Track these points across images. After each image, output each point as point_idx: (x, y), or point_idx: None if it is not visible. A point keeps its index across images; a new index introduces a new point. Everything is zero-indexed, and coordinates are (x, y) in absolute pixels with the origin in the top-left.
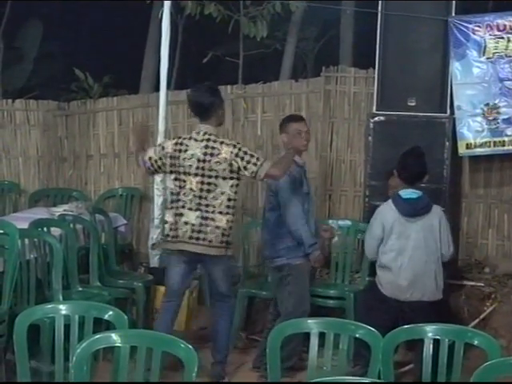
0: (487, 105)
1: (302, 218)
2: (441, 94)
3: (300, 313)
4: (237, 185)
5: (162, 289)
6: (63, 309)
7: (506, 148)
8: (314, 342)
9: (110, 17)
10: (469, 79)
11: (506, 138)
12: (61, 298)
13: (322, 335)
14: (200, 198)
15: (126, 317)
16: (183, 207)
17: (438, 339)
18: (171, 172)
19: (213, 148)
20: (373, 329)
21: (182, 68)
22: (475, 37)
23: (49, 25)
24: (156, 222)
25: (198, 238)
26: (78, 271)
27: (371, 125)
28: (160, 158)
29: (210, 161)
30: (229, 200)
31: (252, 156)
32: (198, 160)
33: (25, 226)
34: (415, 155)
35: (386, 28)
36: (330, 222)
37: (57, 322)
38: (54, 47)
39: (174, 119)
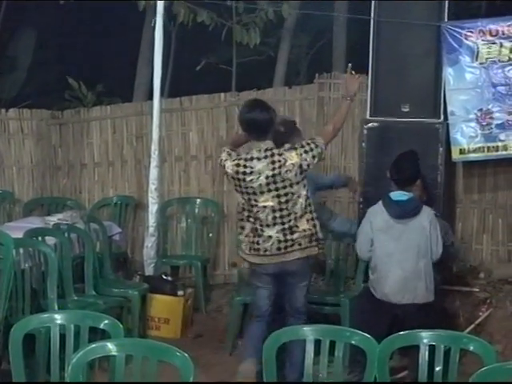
0: (480, 110)
1: None
2: (434, 99)
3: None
4: (305, 184)
5: (157, 297)
6: (58, 318)
7: (499, 153)
8: (310, 349)
9: (102, 25)
10: (462, 85)
11: (499, 143)
12: (56, 307)
13: (317, 342)
14: (280, 210)
15: (121, 326)
16: (261, 225)
17: (433, 345)
18: (236, 191)
19: (279, 161)
20: (368, 335)
21: (175, 76)
22: (468, 42)
23: (42, 33)
24: (151, 230)
25: (286, 247)
26: (73, 280)
27: (365, 131)
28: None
29: (279, 173)
30: (306, 200)
31: (309, 144)
32: (267, 177)
33: (19, 235)
34: (410, 159)
35: (379, 34)
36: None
37: (52, 331)
38: (48, 56)
39: (167, 127)
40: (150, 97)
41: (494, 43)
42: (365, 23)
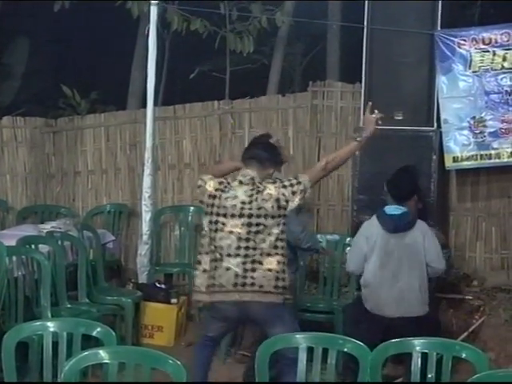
0: (473, 118)
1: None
2: (427, 107)
3: None
4: (284, 223)
5: (150, 305)
6: (51, 326)
7: (492, 161)
8: (303, 356)
9: (96, 33)
10: (455, 93)
11: (492, 151)
12: (49, 314)
13: (310, 350)
14: (247, 240)
15: (114, 333)
16: (221, 254)
17: (426, 353)
18: (206, 213)
19: (258, 188)
20: (361, 343)
21: (169, 84)
22: (461, 50)
23: (36, 41)
24: (144, 237)
25: (244, 284)
26: (67, 288)
27: (358, 139)
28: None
29: (256, 199)
30: (276, 240)
31: (290, 180)
32: (243, 202)
33: (12, 243)
34: (409, 175)
35: (372, 42)
36: (318, 236)
37: (45, 339)
38: (41, 64)
39: (161, 135)
40: (144, 105)
41: (487, 51)
42: (358, 31)
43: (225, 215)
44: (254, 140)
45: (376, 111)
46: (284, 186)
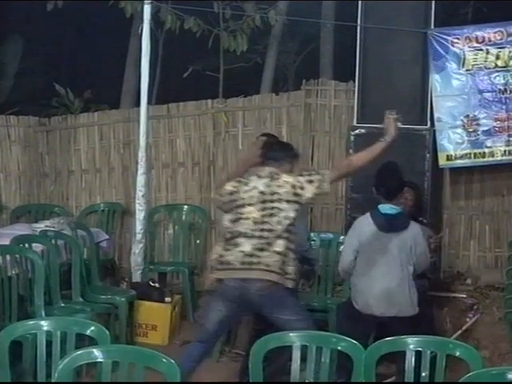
0: (467, 116)
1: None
2: (421, 106)
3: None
4: (297, 210)
5: (144, 304)
6: (45, 325)
7: (486, 159)
8: (297, 355)
9: (90, 32)
10: (448, 91)
11: (486, 150)
12: (43, 313)
13: (304, 348)
14: (262, 223)
15: (107, 332)
16: (235, 236)
17: (419, 351)
18: (225, 211)
19: (273, 177)
20: (355, 341)
21: (162, 83)
22: (454, 49)
23: (29, 40)
24: (138, 236)
25: (251, 263)
26: (60, 287)
27: (352, 137)
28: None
29: (271, 186)
30: (290, 224)
31: (307, 170)
32: (260, 192)
33: (6, 242)
34: (390, 170)
35: (366, 41)
36: (312, 235)
37: (39, 338)
38: (35, 63)
39: (155, 134)
40: (138, 103)
41: (480, 50)
42: (352, 30)
43: (243, 205)
44: (266, 142)
45: (393, 112)
46: (301, 175)
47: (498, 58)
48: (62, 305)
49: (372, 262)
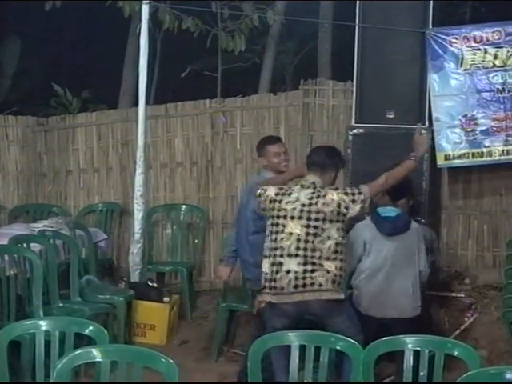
0: (465, 116)
1: None
2: (419, 105)
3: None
4: (342, 228)
5: (143, 303)
6: (43, 325)
7: (484, 159)
8: (295, 354)
9: (88, 32)
10: (447, 91)
11: (484, 149)
12: (41, 313)
13: (302, 348)
14: (306, 242)
15: (106, 332)
16: (281, 255)
17: (418, 350)
18: (268, 216)
19: (319, 192)
20: (353, 341)
21: (160, 82)
22: (452, 49)
23: (27, 40)
24: (136, 236)
25: (304, 285)
26: (59, 287)
27: (350, 137)
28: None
29: (316, 203)
30: (336, 245)
31: (352, 188)
32: (303, 204)
33: (4, 242)
34: None
35: (364, 41)
36: None
37: (37, 337)
38: (33, 63)
39: (153, 134)
40: (136, 103)
41: (478, 50)
42: (350, 30)
43: (285, 217)
44: (316, 148)
45: (424, 131)
46: (346, 193)
47: (496, 57)
48: (61, 304)
49: (374, 266)
